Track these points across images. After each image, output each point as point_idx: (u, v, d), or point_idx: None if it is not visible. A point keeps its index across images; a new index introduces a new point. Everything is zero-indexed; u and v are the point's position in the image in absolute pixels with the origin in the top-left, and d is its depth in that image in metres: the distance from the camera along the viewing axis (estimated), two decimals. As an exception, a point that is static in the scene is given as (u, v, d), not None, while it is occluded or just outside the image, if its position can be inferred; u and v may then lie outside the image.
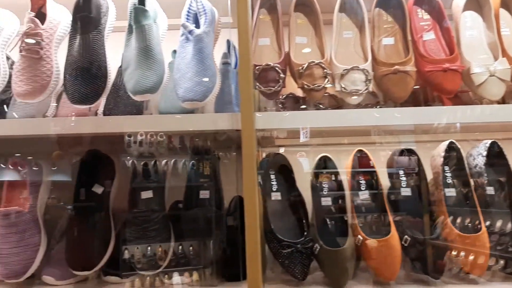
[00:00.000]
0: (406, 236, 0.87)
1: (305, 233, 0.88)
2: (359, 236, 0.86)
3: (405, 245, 0.87)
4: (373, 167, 0.93)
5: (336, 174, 0.95)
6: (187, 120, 0.87)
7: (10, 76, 0.94)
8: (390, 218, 0.88)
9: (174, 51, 1.05)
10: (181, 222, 0.94)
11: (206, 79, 0.84)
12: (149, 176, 0.96)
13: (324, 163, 0.97)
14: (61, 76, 0.91)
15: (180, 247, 0.92)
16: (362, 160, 0.95)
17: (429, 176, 0.98)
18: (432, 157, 0.97)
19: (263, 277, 0.81)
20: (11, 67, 0.98)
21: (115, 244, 0.92)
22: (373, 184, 0.93)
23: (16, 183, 0.94)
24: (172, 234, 0.92)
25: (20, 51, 0.89)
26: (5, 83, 0.95)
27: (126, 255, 0.89)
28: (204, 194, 0.94)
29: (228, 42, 1.06)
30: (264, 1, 0.96)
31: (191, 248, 0.91)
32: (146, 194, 0.94)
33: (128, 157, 1.01)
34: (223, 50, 1.04)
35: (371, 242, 0.84)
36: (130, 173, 0.97)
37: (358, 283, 0.88)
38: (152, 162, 0.99)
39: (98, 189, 0.96)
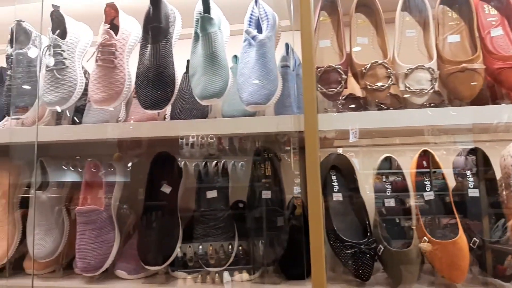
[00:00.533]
0: (474, 238, 0.85)
1: (369, 234, 0.88)
2: (425, 238, 0.85)
3: (473, 247, 0.85)
4: (438, 167, 0.91)
5: (400, 174, 0.94)
6: (251, 123, 0.90)
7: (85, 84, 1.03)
8: (458, 219, 0.86)
9: (235, 56, 1.09)
10: (244, 221, 0.98)
11: (269, 83, 0.87)
12: (213, 177, 1.01)
13: (387, 164, 0.96)
14: (133, 83, 0.98)
15: (244, 245, 0.95)
16: (426, 160, 0.93)
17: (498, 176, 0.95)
18: (501, 157, 0.93)
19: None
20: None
21: (182, 241, 0.97)
22: (438, 184, 0.91)
23: (93, 183, 1.02)
24: (236, 232, 0.95)
25: (96, 60, 0.97)
26: (82, 91, 1.03)
27: (192, 252, 0.94)
28: (266, 194, 0.96)
29: (287, 45, 1.08)
30: (325, 3, 0.97)
31: (254, 246, 0.94)
32: (211, 194, 0.99)
33: (188, 159, 1.08)
34: (281, 53, 1.06)
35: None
36: (196, 173, 1.02)
37: (423, 285, 0.87)
38: (214, 163, 1.04)
39: (166, 189, 1.02)
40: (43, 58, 1.01)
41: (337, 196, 0.94)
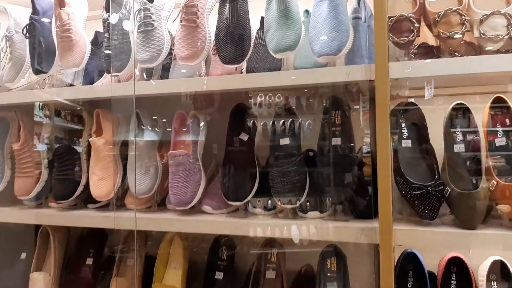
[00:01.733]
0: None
1: (436, 177, 0.92)
2: (493, 181, 0.87)
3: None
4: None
5: (471, 121, 0.96)
6: (322, 73, 0.96)
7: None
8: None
9: (306, 11, 1.14)
10: (315, 165, 1.06)
11: (341, 34, 0.91)
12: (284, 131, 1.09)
13: (458, 111, 0.98)
14: (213, 41, 1.08)
15: (315, 186, 1.04)
16: (499, 107, 0.94)
17: None
18: None
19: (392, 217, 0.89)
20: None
21: (259, 181, 1.08)
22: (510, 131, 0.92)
23: (181, 132, 1.16)
24: (307, 175, 1.05)
25: (181, 21, 1.07)
26: (168, 49, 1.15)
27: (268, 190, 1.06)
28: (336, 141, 1.03)
29: (359, -4, 1.10)
30: (396, -48, 0.97)
31: (324, 187, 1.03)
32: (284, 141, 1.08)
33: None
34: (353, 5, 1.09)
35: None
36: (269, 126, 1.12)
37: (490, 227, 0.91)
38: (282, 122, 1.11)
39: (244, 137, 1.13)
40: (135, 21, 1.13)
41: (406, 142, 0.98)
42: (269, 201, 1.09)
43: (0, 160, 1.35)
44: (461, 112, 0.99)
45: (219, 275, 1.16)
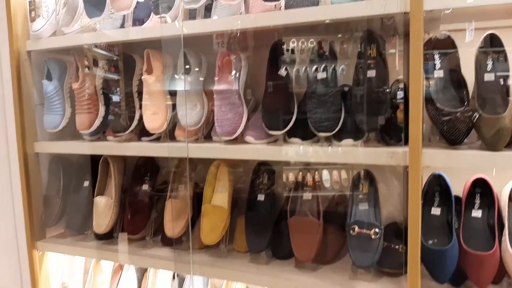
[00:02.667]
0: None
1: (466, 103, 0.98)
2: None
3: None
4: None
5: (502, 52, 1.00)
6: (359, 7, 1.01)
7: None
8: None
9: None
10: (350, 98, 1.14)
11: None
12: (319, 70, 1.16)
13: (491, 41, 1.02)
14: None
15: (349, 116, 1.13)
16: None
17: None
18: None
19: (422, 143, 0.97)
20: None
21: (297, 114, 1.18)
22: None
23: (225, 68, 1.26)
24: (342, 105, 1.13)
25: (223, -39, 1.14)
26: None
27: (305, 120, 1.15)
28: (371, 73, 1.10)
29: None
30: None
31: (358, 116, 1.11)
32: (321, 75, 1.16)
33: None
34: None
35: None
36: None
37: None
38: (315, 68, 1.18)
39: (283, 72, 1.21)
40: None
41: (438, 73, 1.04)
42: (306, 131, 1.19)
43: (61, 99, 1.50)
44: (493, 43, 1.02)
45: (260, 197, 1.29)
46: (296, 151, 1.15)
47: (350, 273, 1.17)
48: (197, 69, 1.32)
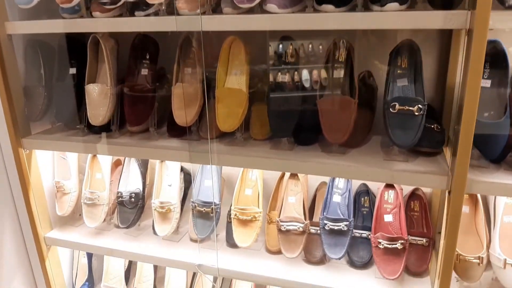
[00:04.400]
0: None
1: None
2: None
3: None
4: None
5: None
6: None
7: None
8: None
9: None
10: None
11: None
12: None
13: None
14: None
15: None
16: None
17: None
18: None
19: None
20: None
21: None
22: None
23: None
24: None
25: None
26: None
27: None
28: None
29: None
30: None
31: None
32: None
33: None
34: None
35: None
36: None
37: None
38: None
39: None
40: None
41: None
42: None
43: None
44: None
45: (283, 78, 1.15)
46: (329, 18, 0.98)
47: (382, 154, 1.10)
48: None
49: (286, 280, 1.20)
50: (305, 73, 1.18)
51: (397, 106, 0.99)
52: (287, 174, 1.29)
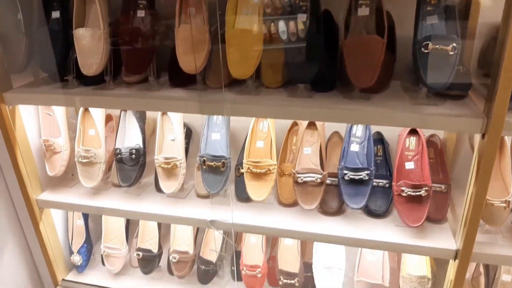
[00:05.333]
0: None
1: None
2: None
3: None
4: None
5: None
6: None
7: None
8: None
9: None
10: None
11: None
12: None
13: None
14: None
15: None
16: None
17: None
18: None
19: None
20: None
21: None
22: None
23: None
24: None
25: None
26: None
27: None
28: None
29: None
30: None
31: None
32: None
33: None
34: None
35: None
36: None
37: None
38: None
39: None
40: None
41: None
42: None
43: None
44: None
45: (301, 18, 1.04)
46: None
47: (408, 99, 1.04)
48: None
49: (303, 232, 1.16)
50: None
51: (430, 45, 0.92)
52: (303, 124, 1.22)
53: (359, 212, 1.21)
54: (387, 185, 1.19)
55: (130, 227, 1.59)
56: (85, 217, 1.56)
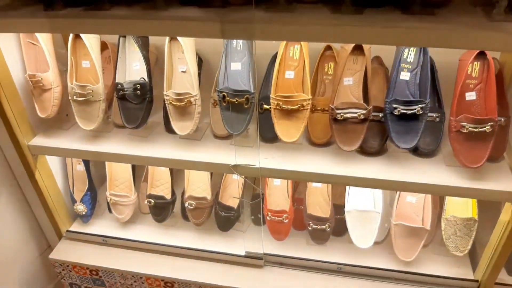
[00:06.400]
0: None
1: None
2: None
3: None
4: None
5: None
6: None
7: None
8: None
9: None
10: None
11: None
12: None
13: None
14: None
15: None
16: None
17: None
18: None
19: None
20: None
21: None
22: None
23: None
24: None
25: None
26: None
27: None
28: None
29: None
30: None
31: None
32: None
33: None
34: None
35: None
36: None
37: None
38: None
39: None
40: None
41: None
42: None
43: None
44: None
45: None
46: None
47: (483, 14, 0.84)
48: None
49: (340, 175, 1.02)
50: None
51: None
52: (344, 49, 1.01)
53: (403, 151, 1.06)
54: (437, 119, 1.03)
55: (137, 169, 1.44)
56: (86, 161, 1.39)
